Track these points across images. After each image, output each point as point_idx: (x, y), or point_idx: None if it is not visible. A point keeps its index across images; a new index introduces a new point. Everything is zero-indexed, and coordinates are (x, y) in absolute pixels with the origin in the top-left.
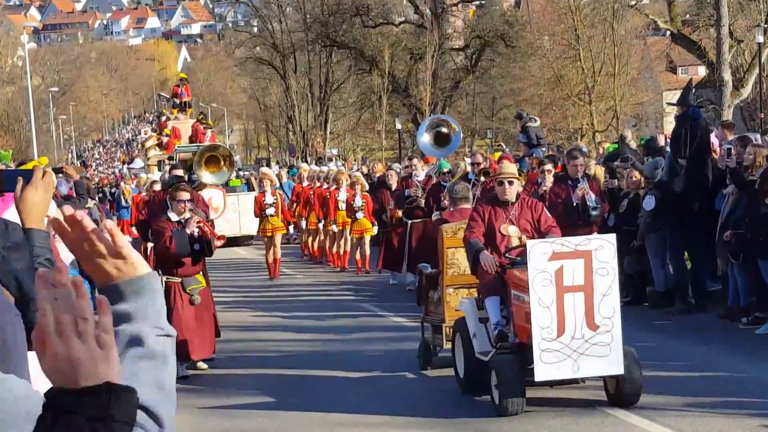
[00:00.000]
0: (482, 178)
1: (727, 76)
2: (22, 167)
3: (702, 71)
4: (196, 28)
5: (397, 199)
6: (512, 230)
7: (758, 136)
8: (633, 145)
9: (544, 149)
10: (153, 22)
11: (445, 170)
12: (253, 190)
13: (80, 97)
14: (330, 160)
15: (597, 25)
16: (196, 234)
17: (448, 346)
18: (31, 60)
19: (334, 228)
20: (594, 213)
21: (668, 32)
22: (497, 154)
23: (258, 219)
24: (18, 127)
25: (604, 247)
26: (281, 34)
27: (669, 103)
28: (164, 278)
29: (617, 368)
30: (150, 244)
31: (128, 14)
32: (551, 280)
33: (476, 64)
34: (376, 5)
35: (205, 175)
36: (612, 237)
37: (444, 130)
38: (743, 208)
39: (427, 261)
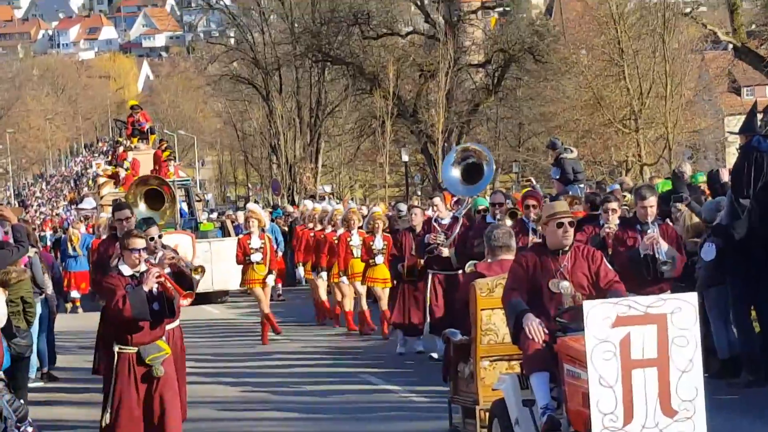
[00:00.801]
0: (509, 222)
1: None
2: None
3: None
4: (160, 40)
5: (417, 246)
6: (564, 286)
7: None
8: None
9: (582, 186)
10: (108, 32)
11: (481, 208)
12: (228, 235)
13: (19, 122)
14: (322, 198)
15: (645, 37)
16: (155, 291)
17: None
18: None
19: (345, 280)
20: (665, 268)
21: (730, 46)
22: (525, 191)
23: (241, 267)
24: None
25: (682, 309)
26: (263, 46)
27: (731, 132)
28: (116, 348)
29: None
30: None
31: (78, 23)
32: (615, 352)
33: (499, 83)
34: (379, 12)
35: (145, 214)
36: (693, 297)
37: (474, 160)
38: None
39: (454, 325)
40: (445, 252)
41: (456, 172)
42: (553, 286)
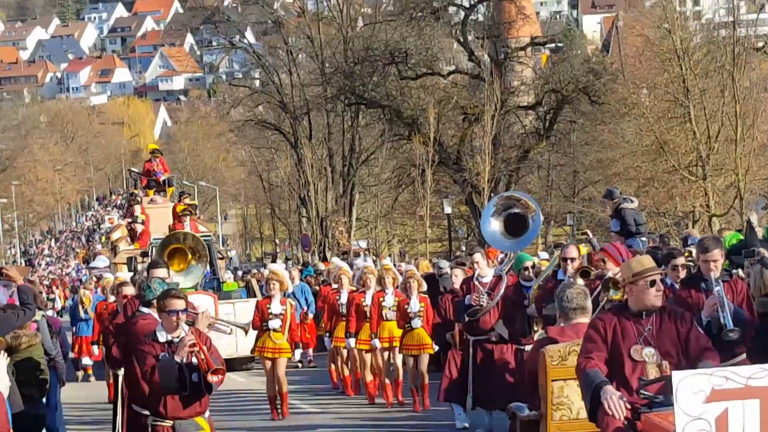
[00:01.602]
0: (580, 281)
1: None
2: None
3: None
4: (178, 83)
5: (456, 309)
6: (649, 354)
7: None
8: (760, 231)
9: (644, 239)
10: (122, 74)
11: (528, 264)
12: (254, 295)
13: (26, 174)
14: (357, 255)
15: (712, 74)
16: (184, 361)
17: None
18: None
19: (377, 343)
20: (732, 336)
21: None
22: (582, 247)
23: (256, 332)
24: None
25: None
26: (291, 89)
27: None
28: (150, 419)
29: None
30: (121, 372)
31: (89, 65)
32: (710, 431)
33: (551, 126)
34: (418, 50)
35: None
36: None
37: (518, 211)
38: None
39: (497, 398)
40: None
41: (497, 224)
42: (636, 354)
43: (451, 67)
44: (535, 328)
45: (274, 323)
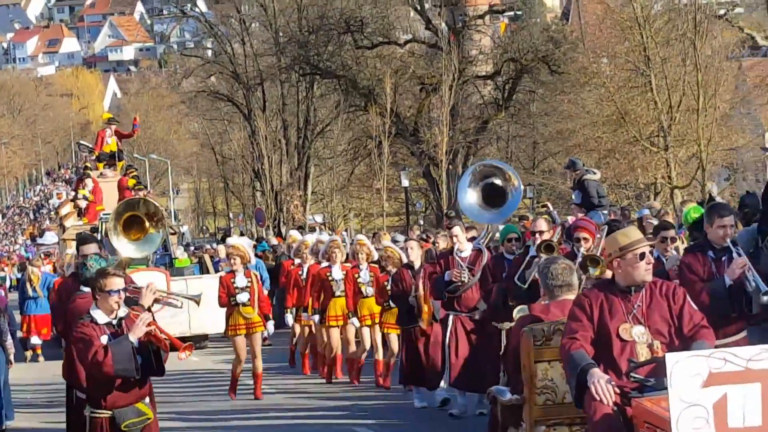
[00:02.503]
0: (542, 256)
1: None
2: None
3: None
4: (128, 53)
5: (434, 285)
6: (638, 333)
7: None
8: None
9: (605, 212)
10: (71, 44)
11: (513, 236)
12: (207, 272)
13: None
14: (312, 230)
15: (674, 42)
16: (136, 342)
17: None
18: None
19: (355, 322)
20: (765, 299)
21: None
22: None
23: (225, 310)
24: None
25: None
26: (244, 59)
27: (764, 149)
28: (88, 411)
29: None
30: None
31: (36, 35)
32: (708, 418)
33: (510, 97)
34: (374, 19)
35: (127, 247)
36: None
37: (497, 181)
38: None
39: (479, 377)
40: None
41: (474, 195)
42: (624, 333)
43: (408, 36)
44: (511, 303)
45: (242, 297)
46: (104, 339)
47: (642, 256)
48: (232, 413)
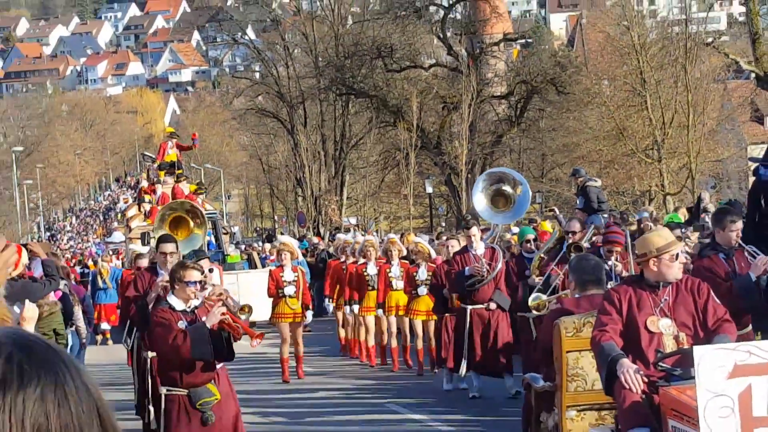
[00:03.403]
0: (572, 256)
1: None
2: None
3: None
4: (186, 75)
5: (455, 280)
6: (665, 325)
7: None
8: (712, 208)
9: (605, 216)
10: (135, 68)
11: (530, 237)
12: (255, 267)
13: (49, 157)
14: (347, 230)
15: (667, 67)
16: (211, 328)
17: None
18: None
19: (380, 313)
20: None
21: (753, 75)
22: (544, 224)
23: (271, 300)
24: None
25: None
26: (288, 80)
27: (752, 159)
28: (164, 390)
29: None
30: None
31: (106, 59)
32: (734, 408)
33: (522, 114)
34: (402, 45)
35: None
36: None
37: (506, 188)
38: None
39: (493, 363)
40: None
41: (483, 200)
42: (651, 325)
43: (432, 61)
44: (529, 301)
45: (289, 289)
46: (181, 324)
47: (676, 257)
48: (276, 392)
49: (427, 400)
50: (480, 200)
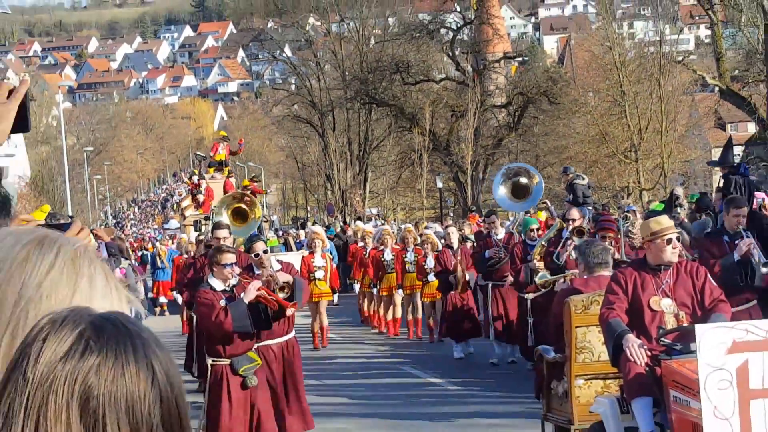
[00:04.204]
0: (575, 240)
1: None
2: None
3: (752, 128)
4: (232, 86)
5: (477, 261)
6: (666, 305)
7: None
8: (685, 203)
9: (590, 208)
10: (189, 80)
11: (534, 227)
12: (290, 249)
13: (115, 156)
14: (369, 219)
15: (643, 81)
16: (251, 301)
17: None
18: (66, 119)
19: (401, 292)
20: (764, 270)
21: (716, 88)
22: (540, 213)
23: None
24: (52, 187)
25: None
26: (319, 91)
27: (709, 163)
28: (209, 360)
29: None
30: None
31: (164, 72)
32: (732, 381)
33: (519, 121)
34: (416, 62)
35: (236, 231)
36: None
37: (523, 180)
38: None
39: (512, 333)
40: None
41: (504, 190)
42: (654, 304)
43: (442, 75)
44: (536, 280)
45: (319, 273)
46: (222, 303)
47: (669, 240)
48: (305, 358)
49: (436, 364)
50: (501, 192)
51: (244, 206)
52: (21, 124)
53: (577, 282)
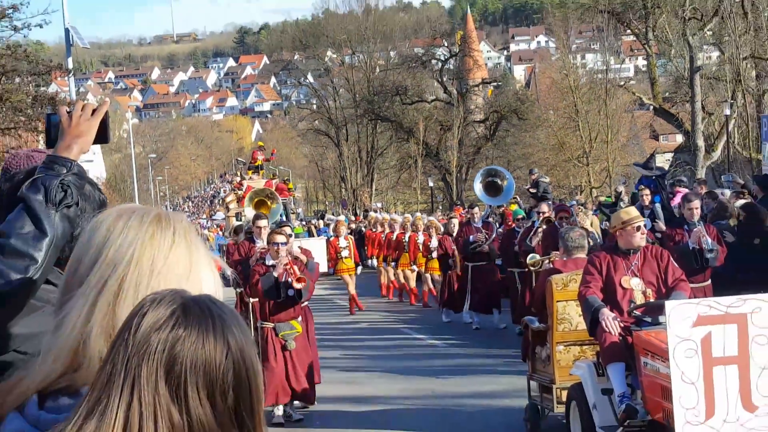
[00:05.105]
0: (544, 227)
1: (701, 142)
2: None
3: (679, 138)
4: (266, 106)
5: (462, 245)
6: (635, 283)
7: (726, 191)
8: (626, 198)
9: (549, 202)
10: (232, 101)
11: (520, 216)
12: (313, 236)
13: (173, 162)
14: (375, 212)
15: (592, 101)
16: (277, 277)
17: (559, 409)
18: (134, 132)
19: (415, 268)
20: (710, 256)
21: (651, 107)
22: (513, 206)
23: (332, 260)
24: (123, 186)
25: (762, 309)
26: (335, 110)
27: (635, 164)
28: (260, 323)
29: None
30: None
31: (212, 95)
32: (697, 350)
33: (494, 133)
34: (412, 87)
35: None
36: None
37: (497, 180)
38: None
39: (490, 304)
40: (486, 248)
41: (479, 187)
42: (625, 283)
43: (433, 97)
44: (521, 260)
45: (344, 253)
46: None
47: (638, 228)
48: (330, 323)
49: (432, 326)
50: (478, 189)
51: (265, 199)
52: (102, 137)
53: (557, 263)
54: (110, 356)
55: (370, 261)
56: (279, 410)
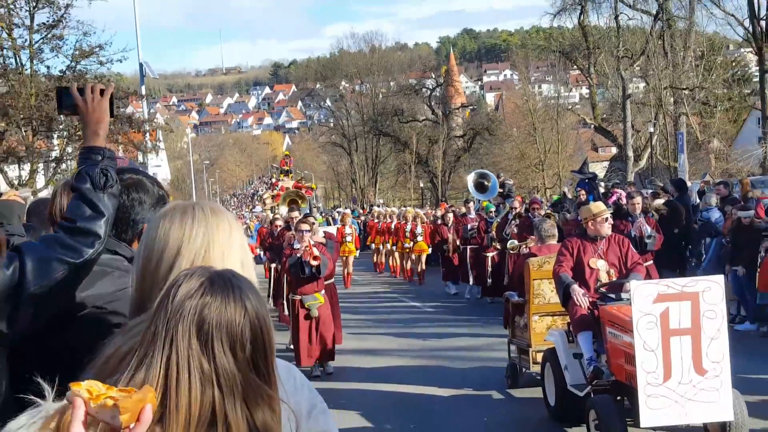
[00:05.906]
0: (517, 220)
1: (630, 153)
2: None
3: (614, 150)
4: (295, 124)
5: (462, 231)
6: (601, 265)
7: (648, 191)
8: (570, 196)
9: (511, 199)
10: (268, 120)
11: (492, 210)
12: (330, 225)
13: (222, 167)
14: (378, 206)
15: (547, 121)
16: (301, 256)
17: (534, 368)
18: (192, 144)
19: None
20: (648, 241)
21: (592, 125)
22: (485, 203)
23: (339, 244)
24: (183, 187)
25: (711, 289)
26: (348, 127)
27: (572, 171)
28: (290, 295)
29: (727, 414)
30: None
31: (252, 115)
32: (657, 323)
33: (471, 146)
34: (408, 109)
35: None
36: (720, 278)
37: (484, 181)
38: None
39: (479, 279)
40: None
41: (471, 185)
42: (592, 264)
43: (423, 117)
44: (494, 245)
45: (348, 238)
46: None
47: (606, 219)
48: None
49: (433, 297)
50: (471, 187)
51: (297, 198)
52: (109, 112)
53: (533, 249)
54: (153, 319)
55: (371, 246)
56: (317, 371)
